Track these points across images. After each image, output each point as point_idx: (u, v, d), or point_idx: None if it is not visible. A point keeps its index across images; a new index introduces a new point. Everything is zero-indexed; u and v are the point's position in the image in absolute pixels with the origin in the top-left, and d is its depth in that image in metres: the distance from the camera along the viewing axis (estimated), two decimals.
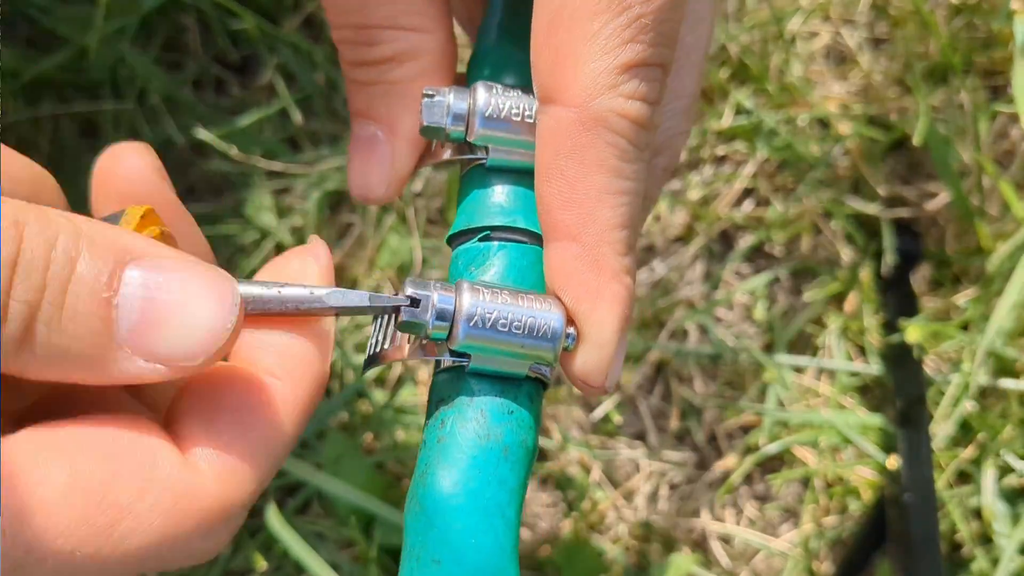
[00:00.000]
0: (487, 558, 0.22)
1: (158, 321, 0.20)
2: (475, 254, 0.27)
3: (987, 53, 0.69)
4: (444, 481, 0.23)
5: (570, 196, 0.23)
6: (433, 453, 0.24)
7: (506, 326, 0.24)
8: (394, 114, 0.27)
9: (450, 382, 0.25)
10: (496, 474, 0.23)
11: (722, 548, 0.63)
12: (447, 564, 0.22)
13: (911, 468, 0.57)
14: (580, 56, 0.23)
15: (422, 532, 0.23)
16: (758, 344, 0.67)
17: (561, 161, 0.23)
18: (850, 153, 0.69)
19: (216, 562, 0.60)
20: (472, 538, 0.22)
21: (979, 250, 0.66)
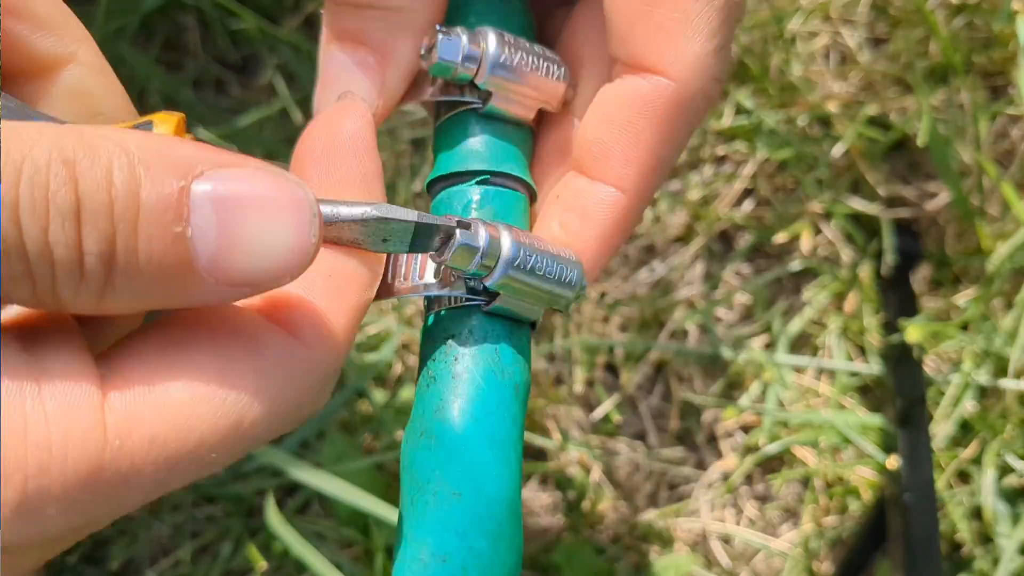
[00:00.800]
0: (504, 490, 0.23)
1: (236, 246, 0.19)
2: (471, 196, 0.27)
3: (987, 53, 0.69)
4: (465, 415, 0.23)
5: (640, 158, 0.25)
6: (449, 387, 0.24)
7: (541, 270, 0.24)
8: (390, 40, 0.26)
9: (462, 319, 0.25)
10: (510, 411, 0.24)
11: (722, 548, 0.63)
12: (468, 496, 0.22)
13: (911, 468, 0.57)
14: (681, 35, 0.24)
15: (439, 466, 0.23)
16: (758, 344, 0.67)
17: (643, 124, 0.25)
18: (850, 153, 0.69)
19: (216, 561, 0.60)
20: (494, 470, 0.23)
21: (979, 250, 0.66)
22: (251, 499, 0.62)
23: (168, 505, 0.61)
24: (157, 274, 0.19)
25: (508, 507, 0.23)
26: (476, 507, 0.22)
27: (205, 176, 0.19)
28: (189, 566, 0.60)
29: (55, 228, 0.18)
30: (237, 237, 0.19)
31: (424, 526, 0.22)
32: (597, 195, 0.26)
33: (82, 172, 0.18)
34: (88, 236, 0.18)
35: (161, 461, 0.19)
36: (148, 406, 0.20)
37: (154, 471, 0.20)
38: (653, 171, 0.26)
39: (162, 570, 0.61)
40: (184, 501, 0.61)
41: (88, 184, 0.18)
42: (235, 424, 0.20)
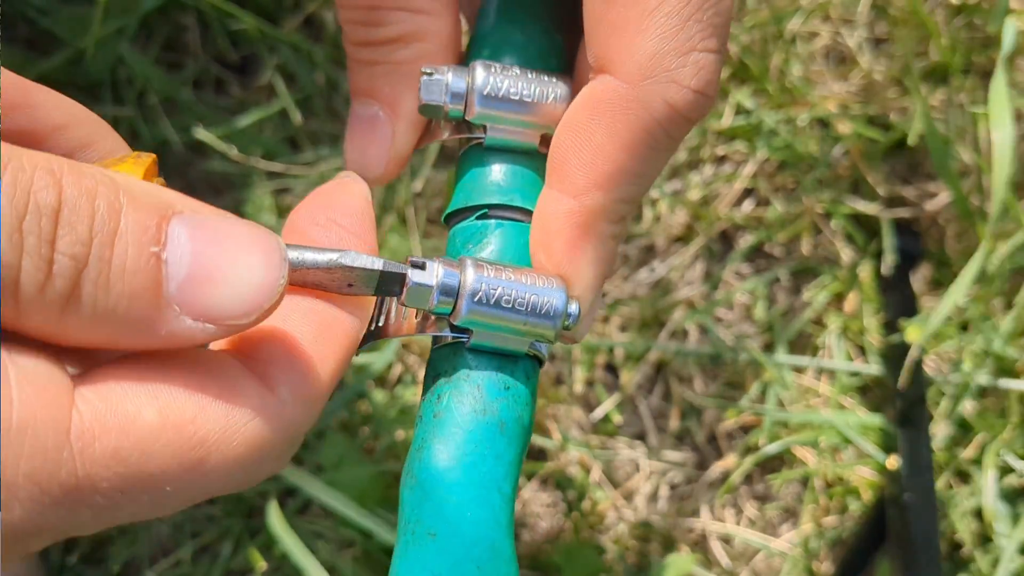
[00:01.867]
0: (483, 531, 0.22)
1: (207, 278, 0.19)
2: (472, 232, 0.27)
3: (986, 53, 0.69)
4: (440, 455, 0.23)
5: (590, 162, 0.24)
6: (430, 427, 0.24)
7: (509, 303, 0.24)
8: (397, 93, 0.27)
9: (448, 357, 0.25)
10: (492, 448, 0.23)
11: (722, 548, 0.63)
12: (443, 537, 0.22)
13: (911, 468, 0.57)
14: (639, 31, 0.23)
15: (417, 506, 0.23)
16: (758, 344, 0.67)
17: (595, 128, 0.24)
18: (850, 153, 0.69)
19: (216, 561, 0.60)
20: (468, 511, 0.22)
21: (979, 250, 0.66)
22: (251, 499, 0.62)
23: None
24: (125, 294, 0.19)
25: (489, 549, 0.22)
26: (451, 549, 0.22)
27: (184, 216, 0.20)
28: (189, 566, 0.60)
29: (31, 220, 0.18)
30: (208, 269, 0.19)
31: (403, 566, 0.22)
32: (553, 207, 0.25)
33: (67, 183, 0.18)
34: (64, 236, 0.18)
35: (117, 478, 0.19)
36: (116, 419, 0.19)
37: (109, 487, 0.19)
38: (611, 179, 0.24)
39: (162, 570, 0.61)
40: None
41: (72, 192, 0.18)
42: (197, 463, 0.20)
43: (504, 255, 0.26)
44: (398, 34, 0.26)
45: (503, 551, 0.22)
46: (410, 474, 0.23)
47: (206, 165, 0.68)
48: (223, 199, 0.68)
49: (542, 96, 0.27)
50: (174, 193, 0.20)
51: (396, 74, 0.27)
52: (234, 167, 0.67)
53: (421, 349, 0.66)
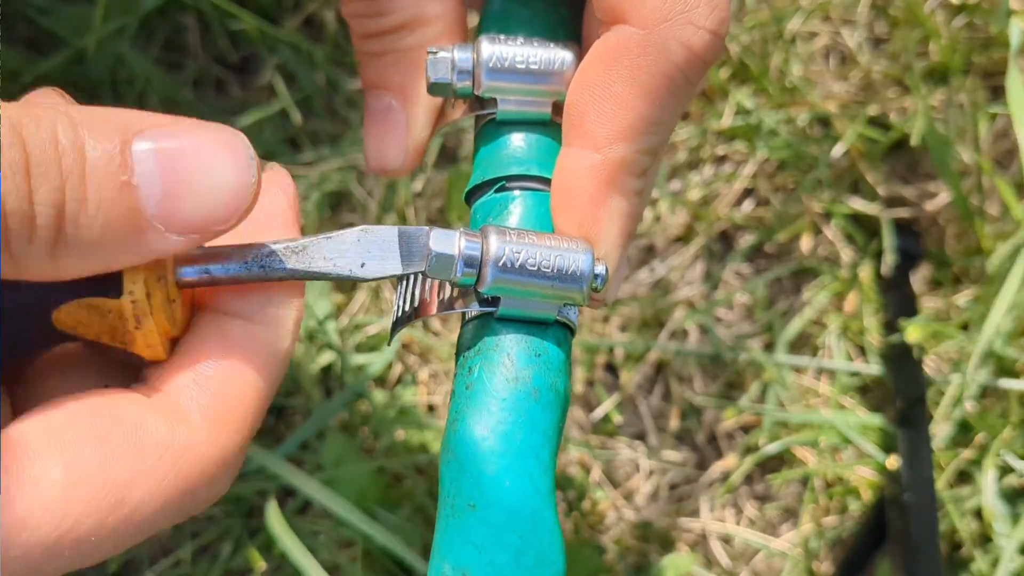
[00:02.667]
0: (523, 500, 0.22)
1: (182, 192, 0.20)
2: (493, 205, 0.27)
3: (987, 53, 0.69)
4: (475, 426, 0.22)
5: (610, 113, 0.23)
6: (463, 400, 0.23)
7: (535, 266, 0.23)
8: (407, 81, 0.27)
9: (477, 330, 0.25)
10: (528, 416, 0.23)
11: (722, 548, 0.63)
12: (482, 508, 0.22)
13: (911, 468, 0.57)
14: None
15: (455, 478, 0.22)
16: (758, 344, 0.67)
17: (614, 78, 0.23)
18: (850, 153, 0.69)
19: (216, 562, 0.60)
20: (507, 480, 0.22)
21: (979, 250, 0.66)
22: (251, 499, 0.62)
23: None
24: (108, 225, 0.19)
25: (530, 518, 0.22)
26: (491, 519, 0.21)
27: (145, 133, 0.20)
28: (189, 566, 0.60)
29: (6, 183, 0.18)
30: (181, 183, 0.20)
31: (445, 540, 0.22)
32: (574, 164, 0.24)
33: (28, 133, 0.19)
34: (38, 188, 0.18)
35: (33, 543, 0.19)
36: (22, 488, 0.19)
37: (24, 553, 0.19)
38: (633, 128, 0.24)
39: (162, 570, 0.61)
40: None
41: (35, 142, 0.19)
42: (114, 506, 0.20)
43: (526, 224, 0.26)
44: (402, 21, 0.26)
45: (545, 520, 0.22)
46: (447, 448, 0.23)
47: None
48: None
49: (550, 63, 0.27)
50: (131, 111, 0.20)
51: (404, 62, 0.27)
52: None
53: (421, 349, 0.66)
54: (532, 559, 0.21)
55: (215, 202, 0.20)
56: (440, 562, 0.22)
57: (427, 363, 0.65)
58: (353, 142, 0.69)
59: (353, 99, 0.69)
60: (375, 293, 0.66)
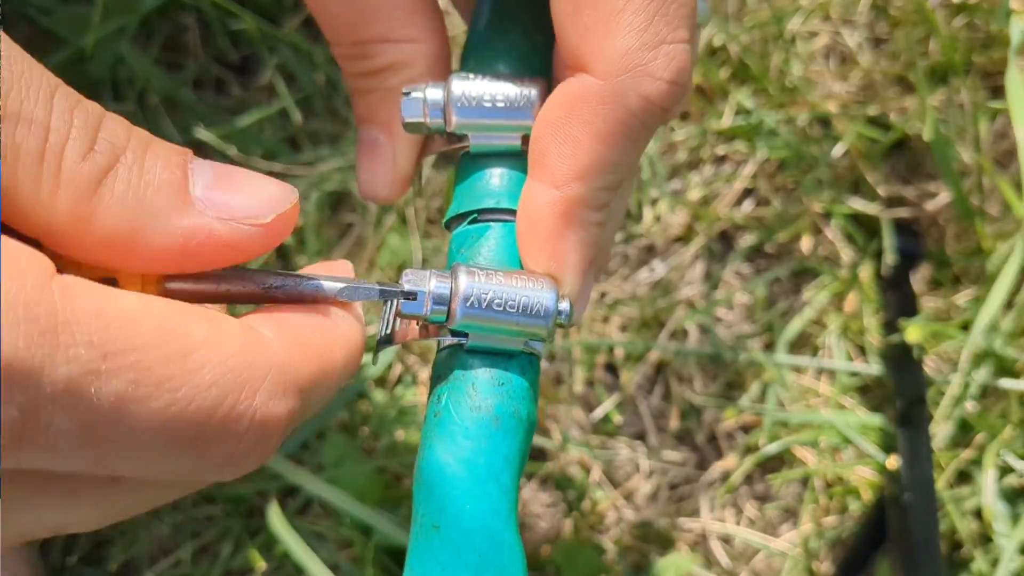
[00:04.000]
0: (483, 522, 0.23)
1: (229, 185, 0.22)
2: (467, 236, 0.28)
3: (987, 53, 0.69)
4: (441, 453, 0.24)
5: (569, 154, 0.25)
6: (431, 426, 0.25)
7: (501, 305, 0.25)
8: (392, 118, 0.29)
9: (447, 360, 0.26)
10: (489, 443, 0.24)
11: (722, 548, 0.63)
12: (445, 528, 0.23)
13: (911, 468, 0.57)
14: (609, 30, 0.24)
15: (423, 501, 0.24)
16: (758, 344, 0.67)
17: (574, 122, 0.25)
18: (850, 153, 0.69)
19: (216, 562, 0.60)
20: (467, 503, 0.24)
21: (979, 250, 0.66)
22: (251, 499, 0.62)
23: (168, 505, 0.61)
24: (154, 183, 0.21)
25: (489, 538, 0.23)
26: (454, 539, 0.23)
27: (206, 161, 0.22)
28: (189, 566, 0.60)
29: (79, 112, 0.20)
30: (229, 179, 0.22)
31: (413, 557, 0.24)
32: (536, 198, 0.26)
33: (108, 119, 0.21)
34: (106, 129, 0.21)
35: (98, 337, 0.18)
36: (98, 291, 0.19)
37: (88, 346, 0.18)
38: (590, 169, 0.25)
39: (162, 570, 0.61)
40: (184, 501, 0.61)
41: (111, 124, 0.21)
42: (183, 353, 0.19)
43: (498, 255, 0.28)
44: (387, 63, 0.28)
45: (504, 539, 0.24)
46: (417, 472, 0.25)
47: None
48: None
49: (516, 100, 0.28)
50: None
51: (389, 100, 0.28)
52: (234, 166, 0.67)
53: (421, 349, 0.66)
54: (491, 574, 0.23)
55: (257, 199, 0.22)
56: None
57: (427, 363, 0.65)
58: (353, 142, 0.69)
59: None
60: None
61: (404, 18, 0.27)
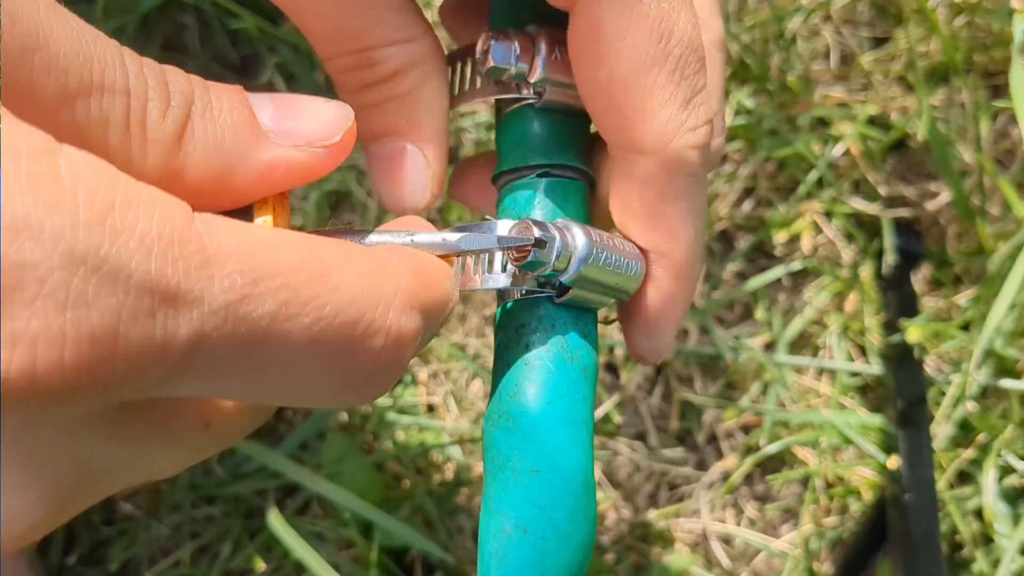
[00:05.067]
0: (580, 466, 0.25)
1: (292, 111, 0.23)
2: (532, 190, 0.28)
3: (988, 52, 0.69)
4: (539, 400, 0.25)
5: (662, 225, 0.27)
6: (523, 374, 0.26)
7: (611, 265, 0.26)
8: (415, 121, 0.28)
9: (530, 310, 0.27)
10: (580, 392, 0.26)
11: (722, 549, 0.63)
12: (545, 473, 0.24)
13: (912, 468, 0.57)
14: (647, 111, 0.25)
15: (517, 446, 0.25)
16: (758, 344, 0.67)
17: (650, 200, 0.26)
18: (851, 153, 0.69)
19: (216, 562, 0.60)
20: (567, 448, 0.25)
21: (980, 250, 0.66)
22: (251, 499, 0.61)
23: (167, 506, 0.61)
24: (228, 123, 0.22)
25: (583, 482, 0.25)
26: (553, 483, 0.24)
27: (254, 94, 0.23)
28: (188, 567, 0.60)
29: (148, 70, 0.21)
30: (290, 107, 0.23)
31: (506, 500, 0.25)
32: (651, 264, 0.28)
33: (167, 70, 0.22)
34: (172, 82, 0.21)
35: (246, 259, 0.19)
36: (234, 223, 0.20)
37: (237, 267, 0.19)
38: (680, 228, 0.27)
39: (161, 571, 0.61)
40: (183, 502, 0.61)
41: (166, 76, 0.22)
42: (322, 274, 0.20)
43: (559, 212, 0.28)
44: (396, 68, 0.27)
45: (592, 483, 0.25)
46: (506, 417, 0.25)
47: None
48: None
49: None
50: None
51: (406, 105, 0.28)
52: None
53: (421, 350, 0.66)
54: (582, 516, 0.25)
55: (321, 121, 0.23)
56: (501, 520, 0.24)
57: (427, 363, 0.65)
58: None
59: None
60: None
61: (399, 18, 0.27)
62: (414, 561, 0.61)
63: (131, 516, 0.62)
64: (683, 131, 0.25)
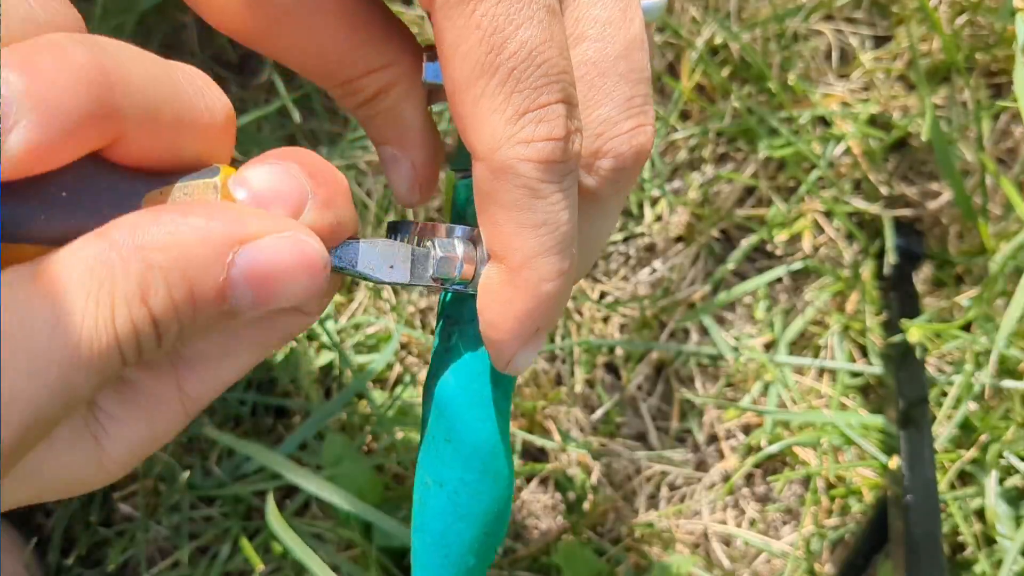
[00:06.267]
0: (488, 438, 0.29)
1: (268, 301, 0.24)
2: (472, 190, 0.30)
3: (990, 51, 0.69)
4: (452, 381, 0.29)
5: (495, 231, 0.27)
6: (442, 358, 0.30)
7: None
8: (399, 132, 0.31)
9: (457, 304, 0.30)
10: (493, 376, 0.29)
11: (723, 549, 0.63)
12: (456, 443, 0.29)
13: (913, 469, 0.57)
14: (476, 119, 0.26)
15: (436, 419, 0.29)
16: (759, 344, 0.66)
17: (485, 204, 0.27)
18: (852, 152, 0.69)
19: (214, 563, 0.60)
20: (476, 425, 0.29)
21: (982, 250, 0.66)
22: (249, 500, 0.61)
23: (166, 506, 0.61)
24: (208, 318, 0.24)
25: (491, 451, 0.29)
26: (463, 451, 0.29)
27: (240, 254, 0.24)
28: (187, 568, 0.60)
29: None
30: (267, 296, 0.24)
31: (428, 460, 0.30)
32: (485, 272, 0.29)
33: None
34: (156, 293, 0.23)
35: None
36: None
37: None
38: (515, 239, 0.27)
39: (160, 572, 0.60)
40: (182, 502, 0.61)
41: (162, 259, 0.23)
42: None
43: None
44: (376, 91, 0.30)
45: (501, 451, 0.29)
46: (429, 395, 0.30)
47: None
48: None
49: None
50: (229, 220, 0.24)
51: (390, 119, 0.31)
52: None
53: (420, 350, 0.65)
54: (492, 478, 0.29)
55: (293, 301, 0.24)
56: (424, 475, 0.30)
57: (427, 363, 0.65)
58: (352, 141, 0.69)
59: None
60: (376, 293, 0.66)
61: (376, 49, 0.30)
62: None
63: (130, 517, 0.62)
64: (512, 143, 0.26)
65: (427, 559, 0.30)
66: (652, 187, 0.69)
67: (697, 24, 0.70)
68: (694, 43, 0.69)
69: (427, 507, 0.30)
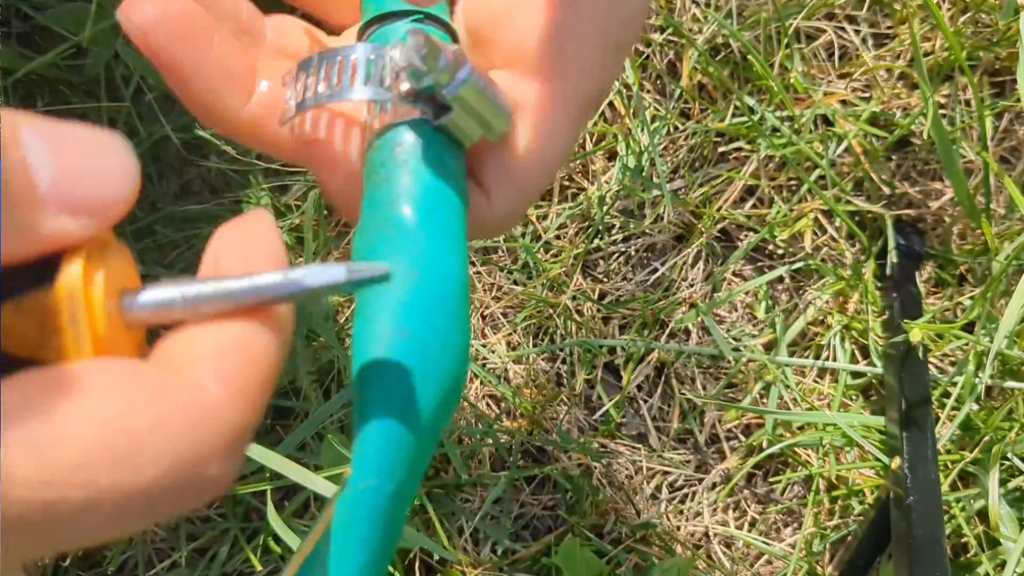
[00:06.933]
0: (457, 273, 0.25)
1: (73, 176, 0.20)
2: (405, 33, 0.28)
3: (993, 49, 0.68)
4: (419, 207, 0.25)
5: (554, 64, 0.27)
6: (401, 185, 0.26)
7: (488, 93, 0.26)
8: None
9: (409, 130, 0.27)
10: (454, 207, 0.26)
11: (724, 551, 0.63)
12: (425, 276, 0.24)
13: (915, 470, 0.57)
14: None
15: (398, 251, 0.25)
16: (760, 344, 0.66)
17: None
18: (853, 151, 0.68)
19: (213, 564, 0.60)
20: (445, 257, 0.25)
21: (985, 249, 0.65)
22: (248, 502, 0.61)
23: None
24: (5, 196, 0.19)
25: (460, 290, 0.25)
26: (432, 286, 0.24)
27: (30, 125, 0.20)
28: (186, 569, 0.60)
29: None
30: (72, 166, 0.20)
31: (386, 304, 0.24)
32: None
33: None
34: None
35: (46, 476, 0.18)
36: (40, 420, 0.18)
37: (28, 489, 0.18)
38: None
39: (159, 573, 0.60)
40: None
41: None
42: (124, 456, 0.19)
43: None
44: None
45: (467, 295, 0.26)
46: (385, 224, 0.25)
47: (204, 163, 0.68)
48: (221, 198, 0.68)
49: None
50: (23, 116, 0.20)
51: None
52: (232, 165, 0.67)
53: None
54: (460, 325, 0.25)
55: (105, 186, 0.20)
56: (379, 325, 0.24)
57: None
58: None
59: None
60: None
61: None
62: (414, 561, 0.60)
63: None
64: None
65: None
66: (652, 187, 0.69)
67: (698, 22, 0.70)
68: (695, 41, 0.69)
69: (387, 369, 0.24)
